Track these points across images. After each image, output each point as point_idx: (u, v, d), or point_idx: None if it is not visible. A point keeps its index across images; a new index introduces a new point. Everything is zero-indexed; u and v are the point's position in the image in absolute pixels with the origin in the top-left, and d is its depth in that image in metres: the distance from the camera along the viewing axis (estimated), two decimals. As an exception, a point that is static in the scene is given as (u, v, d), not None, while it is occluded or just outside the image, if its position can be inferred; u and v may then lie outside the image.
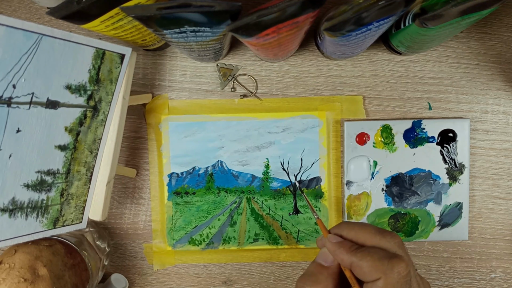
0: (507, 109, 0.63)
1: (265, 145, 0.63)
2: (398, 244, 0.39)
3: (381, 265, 0.37)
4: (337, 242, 0.41)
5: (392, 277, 0.36)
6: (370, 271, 0.37)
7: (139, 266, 0.66)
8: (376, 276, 0.37)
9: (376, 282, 0.37)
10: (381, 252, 0.38)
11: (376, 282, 0.37)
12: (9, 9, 0.62)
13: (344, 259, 0.39)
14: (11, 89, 0.41)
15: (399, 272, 0.36)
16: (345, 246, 0.40)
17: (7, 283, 0.47)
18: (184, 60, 0.63)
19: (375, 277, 0.37)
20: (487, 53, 0.62)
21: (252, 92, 0.63)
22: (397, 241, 0.40)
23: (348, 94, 0.63)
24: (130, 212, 0.65)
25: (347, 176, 0.63)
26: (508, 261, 0.65)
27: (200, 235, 0.64)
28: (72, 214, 0.53)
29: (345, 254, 0.39)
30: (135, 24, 0.49)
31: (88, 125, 0.51)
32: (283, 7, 0.36)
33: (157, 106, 0.63)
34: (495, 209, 0.64)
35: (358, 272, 0.38)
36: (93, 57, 0.48)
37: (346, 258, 0.39)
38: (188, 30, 0.42)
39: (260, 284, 0.66)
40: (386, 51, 0.62)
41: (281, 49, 0.50)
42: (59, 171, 0.50)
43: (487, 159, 0.64)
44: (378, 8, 0.38)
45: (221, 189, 0.64)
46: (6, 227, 0.46)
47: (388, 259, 0.37)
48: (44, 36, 0.42)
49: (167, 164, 0.64)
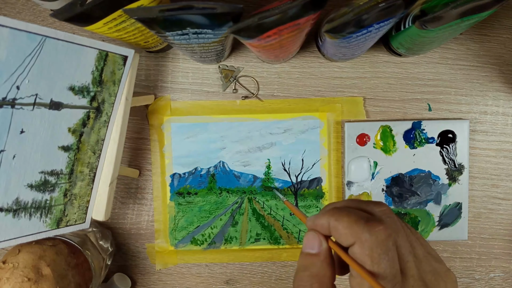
0: (506, 110, 0.63)
1: (266, 146, 0.63)
2: (383, 211, 0.35)
3: (356, 227, 0.32)
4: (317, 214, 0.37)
5: (368, 242, 0.32)
6: (345, 234, 0.33)
7: (142, 265, 0.66)
8: (351, 240, 0.33)
9: (352, 248, 0.33)
10: (361, 214, 0.34)
11: (352, 248, 0.33)
12: (13, 11, 0.62)
13: (323, 223, 0.35)
14: (15, 90, 0.42)
15: (377, 236, 0.32)
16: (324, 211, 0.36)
17: (11, 282, 0.47)
18: (186, 62, 0.63)
19: (351, 241, 0.33)
20: (486, 55, 0.63)
21: (254, 94, 0.63)
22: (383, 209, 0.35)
23: (348, 95, 0.63)
24: (133, 212, 0.65)
25: (347, 176, 0.63)
26: (507, 261, 0.65)
27: (202, 235, 0.65)
28: (75, 214, 0.53)
29: (322, 217, 0.35)
30: (137, 26, 0.49)
31: (91, 126, 0.51)
32: (285, 9, 0.36)
33: (159, 107, 0.63)
34: (494, 209, 0.65)
35: (337, 237, 0.34)
36: (96, 59, 0.48)
37: (324, 220, 0.35)
38: (190, 32, 0.42)
39: (261, 284, 0.66)
40: (386, 52, 0.62)
41: (282, 51, 0.50)
42: (63, 172, 0.50)
43: (486, 159, 0.64)
44: (379, 10, 0.38)
45: (223, 189, 0.64)
46: (10, 227, 0.46)
47: (364, 221, 0.33)
48: (48, 38, 0.43)
49: (169, 164, 0.64)
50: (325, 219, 0.35)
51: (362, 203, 0.37)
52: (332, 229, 0.34)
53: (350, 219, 0.33)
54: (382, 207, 0.36)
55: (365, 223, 0.32)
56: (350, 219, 0.33)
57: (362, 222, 0.32)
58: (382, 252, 0.31)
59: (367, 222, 0.32)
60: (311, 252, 0.36)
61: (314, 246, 0.36)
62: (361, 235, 0.32)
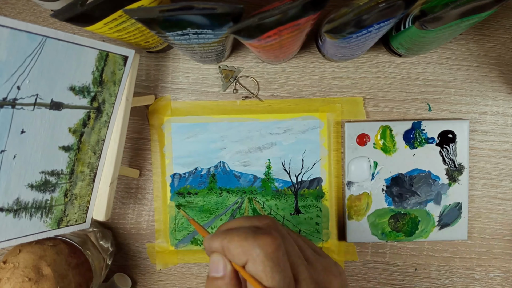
0: (506, 110, 0.63)
1: (266, 146, 0.64)
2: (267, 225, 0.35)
3: (246, 245, 0.32)
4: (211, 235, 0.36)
5: (257, 257, 0.32)
6: (238, 253, 0.33)
7: (142, 265, 0.66)
8: (244, 259, 0.32)
9: (247, 266, 0.32)
10: (249, 230, 0.34)
11: (247, 266, 0.32)
12: (14, 12, 0.62)
13: (217, 247, 0.35)
14: (15, 90, 0.42)
15: (265, 249, 0.32)
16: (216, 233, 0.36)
17: (12, 282, 0.47)
18: (186, 62, 0.63)
19: (243, 260, 0.32)
20: (486, 55, 0.63)
21: (254, 94, 0.63)
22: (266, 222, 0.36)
23: (348, 95, 0.63)
24: (133, 212, 0.65)
25: (347, 176, 0.63)
26: (507, 261, 0.66)
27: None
28: (75, 214, 0.53)
29: (215, 240, 0.35)
30: (138, 26, 0.49)
31: (91, 126, 0.51)
32: (285, 9, 0.36)
33: (160, 107, 0.63)
34: (494, 209, 0.65)
35: (231, 259, 0.34)
36: (96, 59, 0.48)
37: (217, 244, 0.34)
38: (190, 32, 0.42)
39: (261, 284, 0.66)
40: (386, 53, 0.62)
41: (283, 51, 0.50)
42: (63, 172, 0.50)
43: (486, 159, 0.64)
44: (379, 10, 0.38)
45: (223, 189, 0.64)
46: (11, 227, 0.47)
47: (252, 237, 0.32)
48: (48, 38, 0.43)
49: (169, 164, 0.64)
50: (218, 242, 0.35)
51: (250, 219, 0.37)
52: (225, 251, 0.34)
53: (240, 237, 0.33)
54: (265, 220, 0.36)
55: (253, 238, 0.32)
56: (240, 237, 0.33)
57: (250, 238, 0.32)
58: (274, 264, 0.32)
59: (255, 236, 0.32)
60: (216, 275, 0.35)
61: (219, 269, 0.35)
62: (251, 251, 0.32)
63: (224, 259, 0.35)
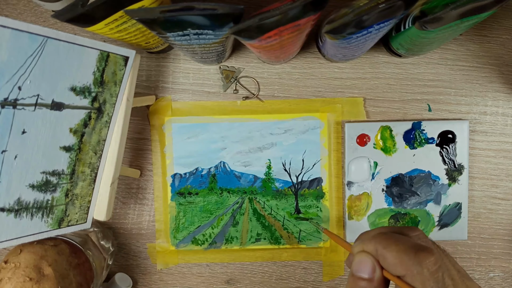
0: (506, 111, 0.64)
1: (267, 146, 0.64)
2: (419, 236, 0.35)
3: (406, 259, 0.32)
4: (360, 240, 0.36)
5: (420, 275, 0.32)
6: (394, 264, 0.33)
7: (143, 265, 0.66)
8: (402, 272, 0.32)
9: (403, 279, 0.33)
10: (408, 242, 0.34)
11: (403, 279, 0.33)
12: (15, 12, 0.62)
13: (371, 249, 0.35)
14: (16, 91, 0.42)
15: (428, 268, 0.32)
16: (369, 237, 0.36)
17: (13, 282, 0.48)
18: (187, 63, 0.63)
19: (401, 272, 0.33)
20: (485, 56, 0.63)
21: (254, 94, 0.63)
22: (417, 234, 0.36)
23: (348, 96, 0.63)
24: (134, 212, 0.66)
25: (348, 176, 0.64)
26: (506, 261, 0.66)
27: (203, 235, 0.65)
28: (76, 214, 0.54)
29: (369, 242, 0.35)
30: (139, 27, 0.49)
31: (92, 126, 0.51)
32: (285, 10, 0.36)
33: (160, 107, 0.63)
34: (493, 209, 0.65)
35: (383, 263, 0.34)
36: (97, 60, 0.48)
37: (371, 246, 0.35)
38: (191, 32, 0.42)
39: (262, 283, 0.67)
40: (386, 53, 0.62)
41: (283, 52, 0.50)
42: (64, 172, 0.50)
43: (486, 160, 0.64)
44: (379, 11, 0.38)
45: (224, 189, 0.64)
46: (12, 227, 0.47)
47: (414, 252, 0.32)
48: (49, 38, 0.43)
49: (170, 165, 0.64)
50: (372, 245, 0.35)
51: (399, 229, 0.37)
52: (380, 257, 0.34)
53: (399, 248, 0.33)
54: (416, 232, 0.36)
55: (415, 254, 0.32)
56: (399, 248, 0.33)
57: (412, 253, 0.32)
58: (434, 284, 0.31)
59: (417, 252, 0.32)
60: (363, 276, 0.35)
61: (366, 271, 0.35)
62: (412, 267, 0.32)
63: (375, 263, 0.35)
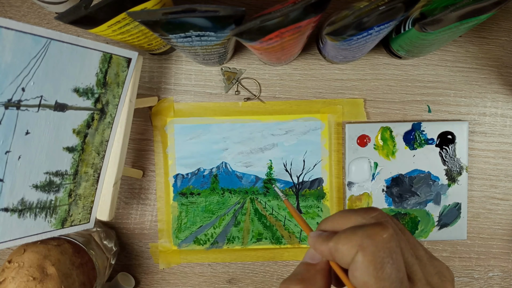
0: (505, 112, 0.64)
1: (268, 147, 0.64)
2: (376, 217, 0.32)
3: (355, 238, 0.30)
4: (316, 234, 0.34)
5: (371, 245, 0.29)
6: (347, 249, 0.30)
7: (145, 265, 0.67)
8: (353, 252, 0.30)
9: (355, 259, 0.30)
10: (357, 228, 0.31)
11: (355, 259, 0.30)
12: (18, 14, 0.62)
13: (323, 250, 0.33)
14: (20, 92, 0.42)
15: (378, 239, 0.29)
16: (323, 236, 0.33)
17: (17, 281, 0.48)
18: (189, 64, 0.64)
19: (353, 253, 0.30)
20: (485, 57, 0.63)
21: (256, 95, 0.64)
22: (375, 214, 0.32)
23: (349, 97, 0.64)
24: (137, 213, 0.66)
25: (348, 177, 0.64)
26: (505, 260, 0.66)
27: (205, 235, 0.65)
28: (79, 214, 0.54)
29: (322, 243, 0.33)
30: (141, 29, 0.49)
31: (95, 127, 0.51)
32: (286, 12, 0.36)
33: (163, 108, 0.64)
34: (493, 209, 0.65)
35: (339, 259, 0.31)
36: (100, 61, 0.49)
37: (324, 247, 0.32)
38: (193, 34, 0.42)
39: (263, 283, 0.67)
40: (387, 55, 0.63)
41: (284, 53, 0.51)
42: (67, 172, 0.50)
43: (485, 160, 0.65)
44: (379, 13, 0.38)
45: (226, 190, 0.65)
46: (16, 227, 0.47)
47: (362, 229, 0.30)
48: (53, 40, 0.43)
49: (172, 165, 0.64)
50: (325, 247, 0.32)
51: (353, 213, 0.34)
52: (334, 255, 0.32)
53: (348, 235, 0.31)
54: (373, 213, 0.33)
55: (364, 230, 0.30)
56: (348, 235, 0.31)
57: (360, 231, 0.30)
58: (386, 255, 0.29)
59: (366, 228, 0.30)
60: (309, 261, 0.35)
61: (315, 258, 0.35)
62: (361, 242, 0.29)
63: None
